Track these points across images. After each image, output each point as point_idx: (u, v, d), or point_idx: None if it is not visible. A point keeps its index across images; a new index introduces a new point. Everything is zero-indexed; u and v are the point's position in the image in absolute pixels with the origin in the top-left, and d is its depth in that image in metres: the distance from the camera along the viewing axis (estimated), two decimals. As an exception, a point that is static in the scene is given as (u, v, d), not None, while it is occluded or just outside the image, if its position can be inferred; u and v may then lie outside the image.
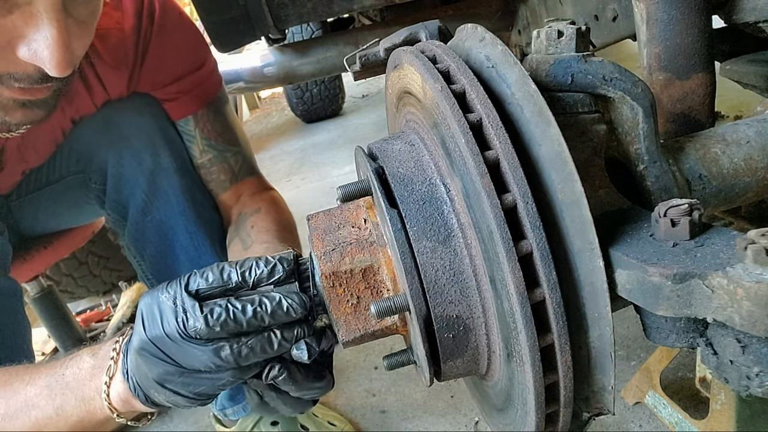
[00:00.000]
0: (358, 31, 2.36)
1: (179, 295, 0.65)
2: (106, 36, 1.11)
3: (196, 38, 1.26)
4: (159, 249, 1.25)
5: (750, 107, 0.86)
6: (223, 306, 0.63)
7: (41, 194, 1.29)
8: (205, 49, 1.28)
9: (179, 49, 1.21)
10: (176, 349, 0.64)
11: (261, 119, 5.64)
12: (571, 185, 0.51)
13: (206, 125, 1.26)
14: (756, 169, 0.70)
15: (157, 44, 1.17)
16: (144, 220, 1.23)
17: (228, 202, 1.29)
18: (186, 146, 1.26)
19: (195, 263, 1.23)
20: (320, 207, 0.78)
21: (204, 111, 1.25)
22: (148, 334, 0.65)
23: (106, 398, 0.72)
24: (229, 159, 1.29)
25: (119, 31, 1.13)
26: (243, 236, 1.18)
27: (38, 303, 1.70)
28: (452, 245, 0.58)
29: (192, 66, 1.22)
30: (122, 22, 1.13)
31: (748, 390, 0.49)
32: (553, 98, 0.62)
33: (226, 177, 1.29)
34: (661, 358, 1.25)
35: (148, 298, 0.67)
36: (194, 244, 1.23)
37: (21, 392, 0.76)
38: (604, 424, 1.31)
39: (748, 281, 0.44)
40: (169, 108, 1.23)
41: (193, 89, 1.23)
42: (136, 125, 1.20)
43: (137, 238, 1.26)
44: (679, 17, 0.82)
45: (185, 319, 0.63)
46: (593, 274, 0.51)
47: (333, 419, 1.45)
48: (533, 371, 0.52)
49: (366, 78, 0.89)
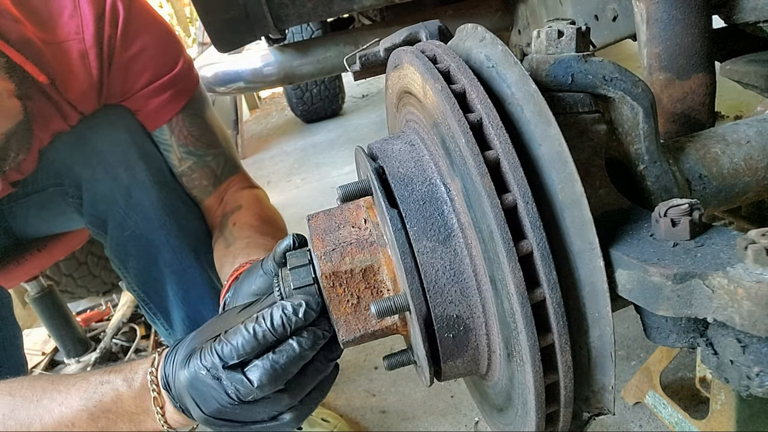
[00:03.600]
0: (358, 31, 2.35)
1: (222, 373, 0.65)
2: (66, 51, 1.05)
3: (166, 37, 1.19)
4: (142, 263, 1.24)
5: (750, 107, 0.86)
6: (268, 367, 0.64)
7: (29, 201, 1.28)
8: (178, 47, 1.21)
9: (147, 51, 1.14)
10: (236, 414, 0.66)
11: (261, 119, 5.64)
12: (571, 185, 0.51)
13: (182, 132, 1.21)
14: (756, 169, 0.70)
15: (123, 49, 1.11)
16: (124, 235, 1.21)
17: (213, 206, 1.27)
18: (164, 156, 1.22)
19: (180, 277, 1.22)
20: (320, 207, 0.78)
21: (179, 117, 1.20)
22: (205, 411, 0.67)
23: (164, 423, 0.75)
24: (210, 163, 1.26)
25: (79, 42, 1.06)
26: (226, 235, 1.16)
27: (38, 303, 1.70)
28: (452, 245, 0.58)
29: (164, 68, 1.16)
30: (82, 31, 1.06)
31: (748, 390, 0.49)
32: (553, 98, 0.62)
33: (209, 181, 1.26)
34: (661, 358, 1.25)
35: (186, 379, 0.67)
36: (178, 258, 1.21)
37: (54, 411, 0.77)
38: (604, 424, 1.31)
39: (749, 281, 0.44)
40: (144, 118, 1.19)
41: (166, 92, 1.17)
42: (109, 140, 1.16)
43: (119, 251, 1.24)
44: (679, 17, 0.82)
45: (237, 391, 0.64)
46: (593, 274, 0.51)
47: (327, 416, 1.46)
48: (533, 371, 0.52)
49: (366, 78, 0.89)
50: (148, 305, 1.30)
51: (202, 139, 1.24)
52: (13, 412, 0.78)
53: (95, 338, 1.91)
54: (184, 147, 1.23)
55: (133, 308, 1.96)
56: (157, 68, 1.16)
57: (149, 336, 1.87)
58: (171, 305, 1.27)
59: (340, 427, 1.43)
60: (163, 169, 1.22)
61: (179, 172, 1.24)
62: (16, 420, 0.78)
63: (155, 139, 1.22)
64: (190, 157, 1.23)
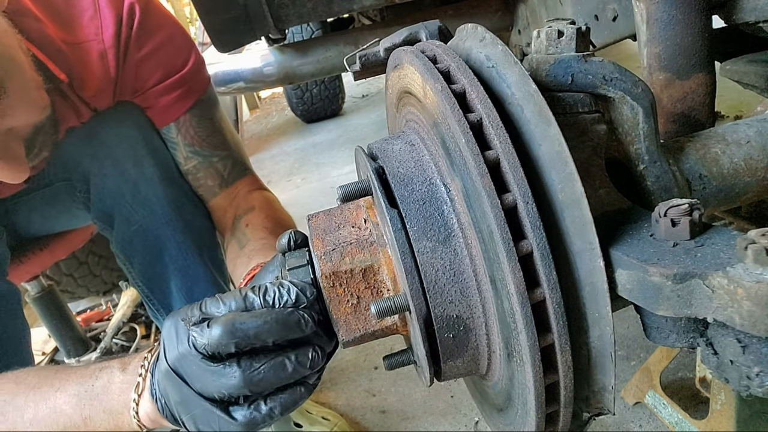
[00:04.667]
0: (358, 31, 2.36)
1: (194, 317, 0.64)
2: (86, 51, 1.07)
3: (178, 36, 1.21)
4: (147, 258, 1.24)
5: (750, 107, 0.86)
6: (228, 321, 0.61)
7: (34, 197, 1.28)
8: (189, 47, 1.23)
9: (160, 50, 1.16)
10: (191, 371, 0.64)
11: (261, 119, 5.64)
12: (571, 185, 0.51)
13: (189, 131, 1.22)
14: (756, 169, 0.70)
15: (136, 48, 1.13)
16: (130, 230, 1.22)
17: (220, 207, 1.27)
18: (171, 154, 1.23)
19: (185, 273, 1.22)
20: (320, 207, 0.78)
21: (186, 116, 1.21)
22: (168, 356, 0.65)
23: (135, 415, 0.73)
24: (216, 164, 1.26)
25: (99, 43, 1.08)
26: (239, 236, 1.17)
27: (38, 303, 1.70)
28: (452, 245, 0.58)
29: (174, 67, 1.18)
30: (101, 32, 1.09)
31: (748, 390, 0.49)
32: (553, 98, 0.62)
33: (215, 182, 1.26)
34: (661, 358, 1.25)
35: (168, 320, 0.67)
36: (183, 254, 1.22)
37: (50, 398, 0.77)
38: (604, 424, 1.31)
39: (749, 281, 0.44)
40: (153, 115, 1.20)
41: (176, 91, 1.19)
42: (118, 135, 1.18)
43: (125, 246, 1.25)
44: (679, 17, 0.82)
45: (194, 338, 0.62)
46: (593, 274, 0.51)
47: (326, 414, 1.46)
48: (533, 371, 0.52)
49: (366, 78, 0.89)
50: (151, 301, 1.30)
51: (209, 140, 1.25)
52: (14, 398, 0.79)
53: (95, 338, 1.91)
54: (190, 146, 1.23)
55: (134, 308, 1.96)
56: (168, 67, 1.17)
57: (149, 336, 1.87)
58: (174, 302, 1.27)
59: (340, 425, 1.43)
60: (171, 165, 1.23)
61: (185, 170, 1.25)
62: (14, 405, 0.78)
63: (163, 136, 1.23)
64: (195, 157, 1.24)
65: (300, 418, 1.43)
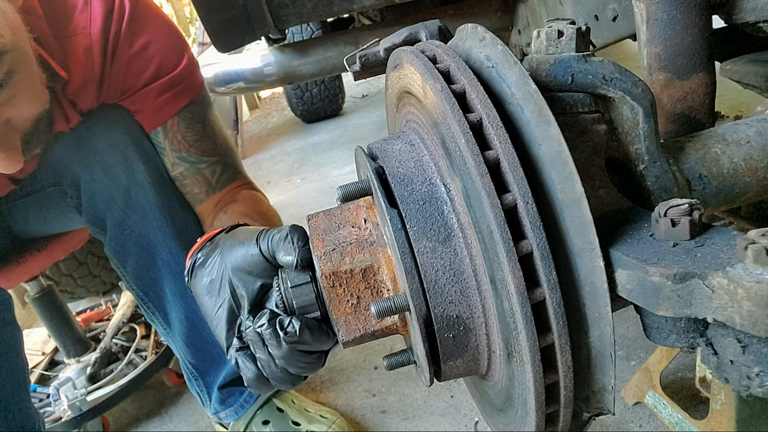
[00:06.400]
0: (358, 31, 2.35)
1: None
2: (72, 44, 1.06)
3: (171, 35, 1.18)
4: (140, 262, 1.23)
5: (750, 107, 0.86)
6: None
7: (28, 201, 1.28)
8: (182, 48, 1.19)
9: (150, 48, 1.13)
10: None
11: (261, 119, 5.64)
12: (571, 185, 0.51)
13: (176, 135, 1.20)
14: (756, 169, 0.70)
15: (126, 44, 1.10)
16: (123, 234, 1.21)
17: (205, 214, 1.25)
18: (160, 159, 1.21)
19: (177, 278, 1.22)
20: (320, 207, 0.78)
21: (174, 120, 1.19)
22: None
23: None
24: (203, 171, 1.23)
25: (85, 37, 1.07)
26: (215, 222, 1.16)
27: (38, 303, 1.70)
28: (452, 245, 0.58)
29: (166, 66, 1.15)
30: (89, 26, 1.07)
31: (748, 390, 0.49)
32: (553, 98, 0.62)
33: (201, 189, 1.24)
34: (661, 358, 1.25)
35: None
36: (175, 259, 1.21)
37: None
38: (604, 424, 1.31)
39: (749, 281, 0.44)
40: (142, 119, 1.18)
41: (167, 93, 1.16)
42: (108, 140, 1.16)
43: (118, 250, 1.24)
44: (679, 17, 0.82)
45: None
46: (593, 274, 0.51)
47: (325, 413, 1.46)
48: (533, 371, 0.52)
49: (366, 78, 0.89)
50: (146, 304, 1.30)
51: (197, 145, 1.22)
52: None
53: (95, 338, 1.91)
54: (176, 152, 1.21)
55: (133, 308, 1.96)
56: (159, 66, 1.15)
57: (149, 336, 1.87)
58: (169, 305, 1.27)
59: (339, 423, 1.43)
60: (162, 170, 1.22)
61: (173, 176, 1.23)
62: None
63: (152, 141, 1.21)
64: (182, 163, 1.22)
65: (298, 417, 1.42)
